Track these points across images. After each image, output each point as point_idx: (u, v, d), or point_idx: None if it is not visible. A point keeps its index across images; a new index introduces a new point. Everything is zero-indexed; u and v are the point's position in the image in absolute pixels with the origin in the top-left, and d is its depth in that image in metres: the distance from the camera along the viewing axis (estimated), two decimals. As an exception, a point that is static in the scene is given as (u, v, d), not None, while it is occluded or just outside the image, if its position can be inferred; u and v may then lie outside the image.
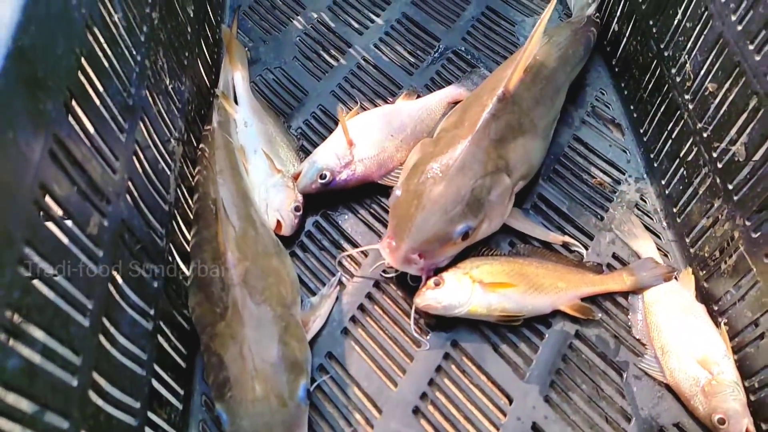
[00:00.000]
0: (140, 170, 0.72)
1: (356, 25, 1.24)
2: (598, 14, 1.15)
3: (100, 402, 0.57)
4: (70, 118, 0.56)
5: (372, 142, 1.00)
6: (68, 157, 0.55)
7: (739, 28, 0.75)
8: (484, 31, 1.23)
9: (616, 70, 1.13)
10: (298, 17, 1.26)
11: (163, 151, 0.80)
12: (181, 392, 0.79)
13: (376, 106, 1.12)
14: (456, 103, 1.08)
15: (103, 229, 0.60)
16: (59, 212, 0.53)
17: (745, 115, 0.76)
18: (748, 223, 0.76)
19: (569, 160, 1.05)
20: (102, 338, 0.58)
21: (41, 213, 0.49)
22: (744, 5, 0.74)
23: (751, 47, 0.73)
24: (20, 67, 0.47)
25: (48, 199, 0.51)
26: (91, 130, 0.60)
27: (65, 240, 0.53)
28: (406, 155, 1.02)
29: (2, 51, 0.45)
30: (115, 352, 0.61)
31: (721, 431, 0.75)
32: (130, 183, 0.68)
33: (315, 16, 1.26)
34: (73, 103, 0.57)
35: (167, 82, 0.84)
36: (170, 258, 0.80)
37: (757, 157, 0.74)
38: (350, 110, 1.06)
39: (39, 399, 0.47)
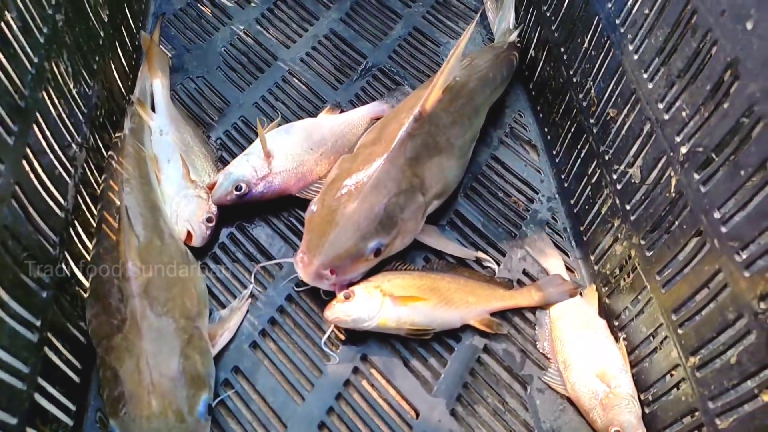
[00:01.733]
0: (32, 175, 0.68)
1: (283, 38, 1.24)
2: (519, 40, 1.19)
3: (-35, 418, 0.53)
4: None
5: (291, 154, 0.99)
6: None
7: (635, 57, 0.79)
8: (410, 51, 1.25)
9: (533, 93, 1.17)
10: (225, 27, 1.24)
11: (62, 156, 0.77)
12: (73, 408, 0.75)
13: (299, 119, 1.11)
14: (378, 119, 1.08)
15: (-20, 234, 0.57)
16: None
17: (640, 140, 0.80)
18: (643, 242, 0.80)
19: (486, 179, 1.07)
20: (-29, 349, 0.54)
21: None
22: (640, 35, 0.79)
23: (645, 75, 0.77)
24: None
25: None
26: (-28, 129, 0.57)
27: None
28: (326, 169, 1.02)
29: None
30: (-12, 364, 0.57)
31: (616, 443, 0.78)
32: (17, 188, 0.64)
33: (242, 27, 1.24)
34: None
35: (71, 86, 0.81)
36: (66, 268, 0.77)
37: (650, 180, 0.78)
38: (271, 122, 1.06)
39: None
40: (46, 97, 0.73)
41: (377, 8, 1.30)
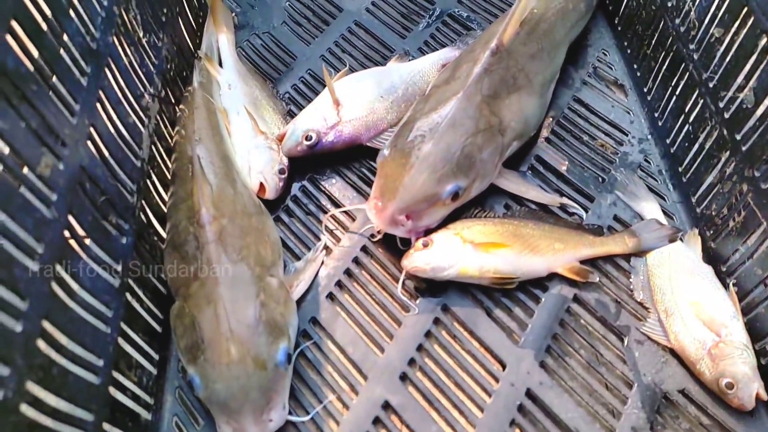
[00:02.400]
0: (106, 119, 0.68)
1: (348, -11, 1.19)
2: (600, -30, 1.10)
3: (53, 354, 0.53)
4: (18, 51, 0.52)
5: (360, 103, 0.96)
6: (15, 90, 0.51)
7: (747, -37, 0.70)
8: (481, -7, 1.18)
9: (619, 29, 1.07)
10: (288, -18, 1.21)
11: (135, 105, 0.77)
12: (156, 357, 0.75)
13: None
14: (449, 65, 1.03)
15: (58, 172, 0.56)
16: (4, 148, 0.49)
17: (753, 58, 0.71)
18: (757, 174, 0.71)
19: (569, 122, 1.00)
20: (55, 286, 0.54)
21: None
22: (752, -61, 0.69)
23: (760, -18, 0.68)
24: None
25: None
26: (45, 67, 0.56)
27: (8, 177, 0.49)
28: (397, 118, 0.97)
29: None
30: (72, 303, 0.57)
31: (729, 396, 0.70)
32: (92, 130, 0.64)
33: (306, -20, 1.21)
34: (21, 34, 0.53)
35: (140, 35, 0.80)
36: (143, 217, 0.76)
37: (766, 102, 0.69)
38: (338, 72, 1.02)
39: (-28, 340, 0.43)
40: (116, 43, 0.72)
41: (444, -49, 1.23)
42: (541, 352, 0.78)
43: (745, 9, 0.71)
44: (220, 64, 1.04)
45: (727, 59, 0.75)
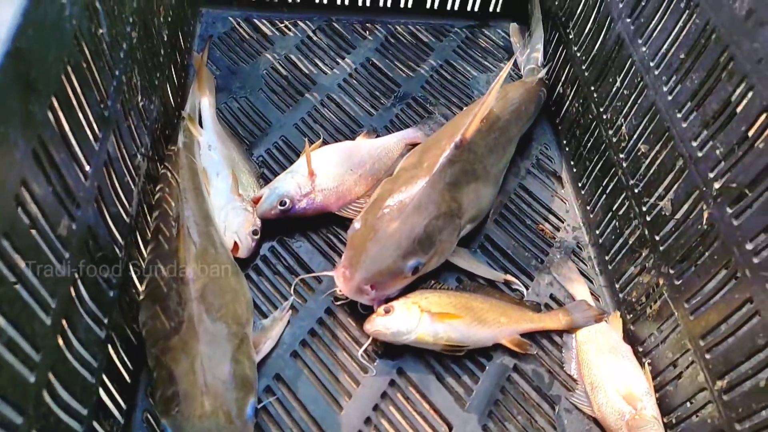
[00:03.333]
0: (108, 181, 0.73)
1: (322, 66, 1.30)
2: (547, 77, 1.26)
3: (52, 404, 0.56)
4: (53, 122, 0.58)
5: (332, 174, 1.04)
6: (48, 159, 0.56)
7: (669, 98, 0.85)
8: (441, 82, 1.31)
9: (560, 128, 1.23)
10: (267, 53, 1.30)
11: (130, 165, 0.82)
12: (124, 407, 0.78)
13: (337, 141, 1.17)
14: (413, 144, 1.14)
15: (72, 232, 0.61)
16: (35, 211, 0.54)
17: (672, 175, 0.85)
18: (672, 271, 0.85)
19: (515, 206, 1.12)
20: (60, 339, 0.58)
21: (19, 208, 0.51)
22: (674, 78, 0.84)
23: (678, 115, 0.83)
24: (17, 67, 0.49)
25: (26, 196, 0.52)
26: (71, 136, 0.61)
27: (38, 237, 0.54)
28: (364, 189, 1.07)
29: (2, 49, 0.47)
30: (69, 355, 0.60)
31: (642, 463, 0.81)
32: (98, 191, 0.69)
33: (283, 53, 1.31)
34: (57, 108, 0.58)
35: (138, 99, 0.86)
36: (126, 270, 0.80)
37: (681, 212, 0.83)
38: (313, 143, 1.11)
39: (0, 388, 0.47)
40: (121, 108, 0.78)
41: (410, 41, 1.37)
42: (484, 416, 0.87)
43: (667, 133, 0.86)
44: (201, 125, 1.10)
45: (651, 172, 0.90)
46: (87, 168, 0.66)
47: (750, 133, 0.68)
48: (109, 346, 0.73)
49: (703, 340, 0.78)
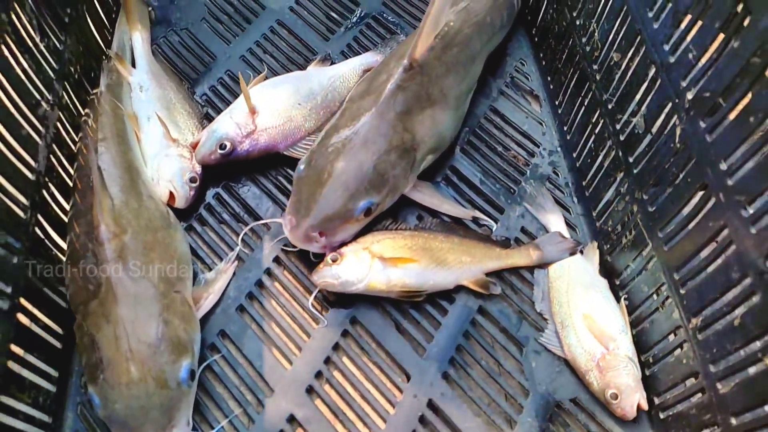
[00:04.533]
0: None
1: (271, -14, 1.17)
2: (520, -20, 1.11)
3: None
4: None
5: (277, 110, 0.95)
6: None
7: (641, -6, 0.73)
8: (406, -4, 1.18)
9: (536, 39, 1.10)
10: (209, -25, 1.18)
11: (30, 115, 0.73)
12: (55, 374, 0.74)
13: (288, 72, 1.06)
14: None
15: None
16: None
17: (644, 86, 0.74)
18: (645, 197, 0.75)
19: (485, 132, 1.02)
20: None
21: None
22: (647, -29, 0.72)
23: (650, 14, 0.71)
24: None
25: None
26: None
27: None
28: (315, 125, 0.97)
29: None
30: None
31: (613, 405, 0.75)
32: (-23, 148, 0.61)
33: (227, -25, 1.18)
34: None
35: (37, 40, 0.76)
36: (40, 231, 0.74)
37: (654, 129, 0.73)
38: (257, 76, 1.00)
39: None
40: (6, 51, 0.68)
41: (371, -49, 1.22)
42: (445, 364, 0.81)
43: (639, 38, 0.74)
44: (133, 65, 1.00)
45: (623, 84, 0.78)
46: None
47: (724, 34, 0.57)
48: (20, 315, 0.67)
49: (678, 272, 0.69)
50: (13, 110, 0.70)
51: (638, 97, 0.75)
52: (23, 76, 0.73)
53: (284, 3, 1.15)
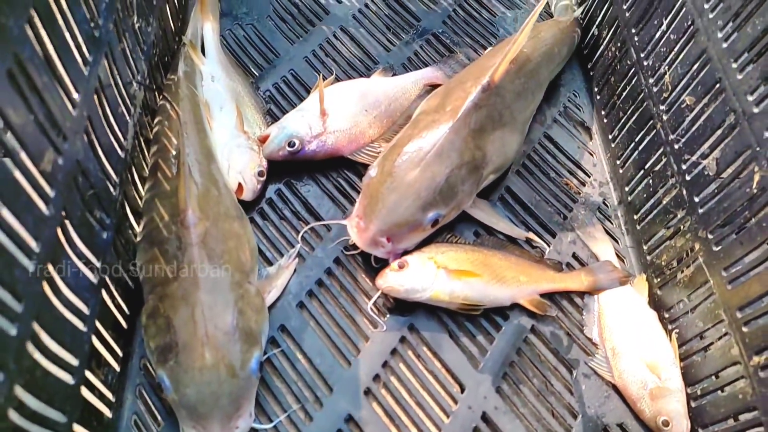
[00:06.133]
0: (99, 110, 0.65)
1: (335, -8, 1.19)
2: (582, 17, 1.15)
3: (37, 356, 0.51)
4: (34, 41, 0.50)
5: (346, 114, 0.96)
6: (28, 81, 0.48)
7: (725, 45, 0.77)
8: (464, 18, 1.21)
9: (591, 73, 1.14)
10: (276, -25, 1.19)
11: (125, 93, 0.74)
12: (120, 354, 0.74)
13: (350, 78, 1.08)
14: (432, 85, 1.05)
15: (58, 167, 0.54)
16: (12, 141, 0.47)
17: (720, 131, 0.77)
18: (710, 236, 0.78)
19: (539, 157, 1.05)
20: (46, 286, 0.52)
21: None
22: (731, 24, 0.76)
23: (734, 65, 0.75)
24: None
25: (1, 124, 0.45)
26: (55, 57, 0.54)
27: (17, 173, 0.47)
28: (378, 132, 0.99)
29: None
30: (57, 303, 0.55)
31: (663, 433, 0.77)
32: (88, 122, 0.61)
33: (294, -24, 1.20)
34: (38, 24, 0.50)
35: (134, 20, 0.77)
36: (122, 210, 0.74)
37: (726, 173, 0.76)
38: (326, 79, 1.02)
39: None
40: (114, 29, 0.69)
41: (434, -30, 1.25)
42: (498, 378, 0.83)
43: (718, 85, 0.78)
44: (203, 53, 1.01)
45: (695, 126, 0.82)
46: (75, 95, 0.58)
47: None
48: (103, 291, 0.67)
49: (741, 312, 0.72)
50: (114, 87, 0.70)
51: (711, 141, 0.79)
52: (122, 56, 0.73)
53: (347, 10, 1.17)
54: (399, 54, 1.14)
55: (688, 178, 0.83)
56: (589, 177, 1.04)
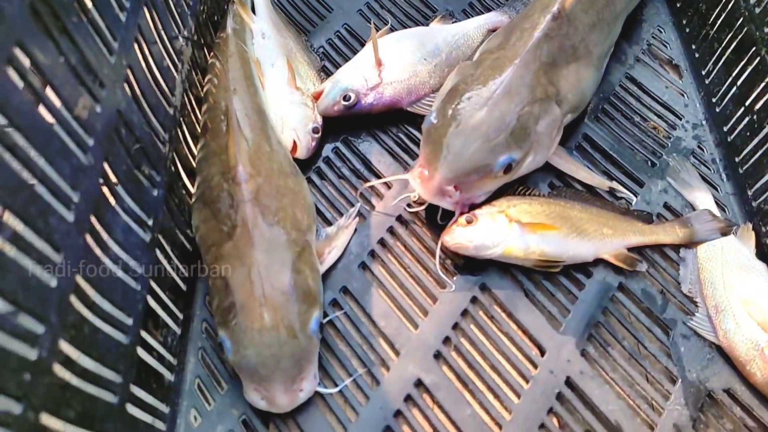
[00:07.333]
0: (141, 61, 0.62)
1: (390, -60, 1.12)
2: (662, -60, 1.03)
3: (84, 311, 0.48)
4: (60, -26, 0.46)
5: (403, 64, 0.90)
6: (55, 19, 0.45)
7: None
8: (531, -44, 1.10)
9: (678, 5, 1.01)
10: (327, -73, 1.13)
11: (170, 48, 0.71)
12: (180, 316, 0.71)
13: (407, 28, 1.01)
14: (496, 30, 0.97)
15: (95, 115, 0.51)
16: (39, 83, 0.44)
17: None
18: (834, 171, 0.67)
19: (620, 100, 0.94)
20: (90, 239, 0.49)
21: (15, 74, 0.40)
22: None
23: None
24: None
25: (25, 62, 0.42)
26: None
27: (48, 116, 0.44)
28: (439, 82, 0.92)
29: None
30: (105, 258, 0.52)
31: (779, 400, 0.67)
32: (129, 72, 0.58)
33: (345, -73, 1.13)
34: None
35: (179, -29, 0.74)
36: (173, 168, 0.71)
37: None
38: (380, 30, 0.96)
39: (7, 295, 0.38)
40: (153, -22, 0.66)
41: None
42: (583, 340, 0.75)
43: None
44: (253, 11, 0.97)
45: (811, 44, 0.70)
46: (113, 42, 0.55)
47: None
48: (157, 251, 0.65)
49: None
50: (157, 39, 0.67)
51: (835, 57, 0.67)
52: (165, 7, 0.70)
53: (403, -43, 1.10)
54: (459, 0, 1.06)
55: (804, 105, 0.71)
56: (681, 119, 0.93)
